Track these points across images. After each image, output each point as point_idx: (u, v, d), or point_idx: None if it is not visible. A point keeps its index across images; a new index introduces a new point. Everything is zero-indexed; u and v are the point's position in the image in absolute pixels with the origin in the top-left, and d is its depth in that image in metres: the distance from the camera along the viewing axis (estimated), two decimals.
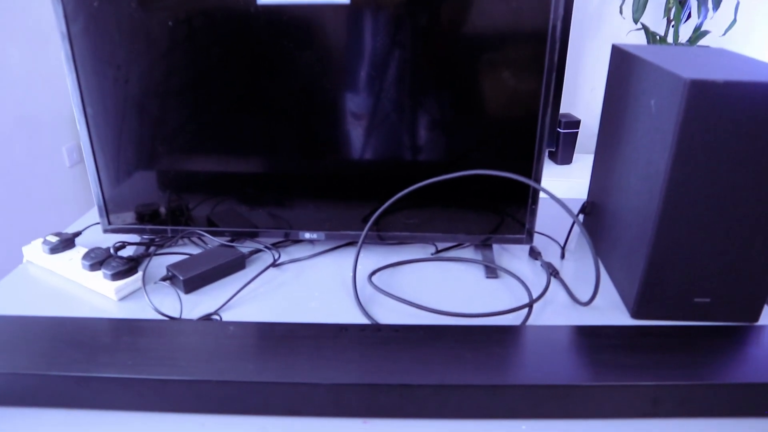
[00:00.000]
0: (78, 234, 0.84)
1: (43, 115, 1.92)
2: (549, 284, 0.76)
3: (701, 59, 0.67)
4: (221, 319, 0.70)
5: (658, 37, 2.09)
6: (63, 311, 0.71)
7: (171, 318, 0.69)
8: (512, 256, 0.86)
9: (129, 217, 0.84)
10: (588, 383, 0.54)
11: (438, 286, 0.78)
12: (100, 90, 0.76)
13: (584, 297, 0.75)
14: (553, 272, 0.79)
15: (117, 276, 0.74)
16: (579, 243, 0.90)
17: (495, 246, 0.88)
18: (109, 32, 0.73)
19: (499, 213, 0.82)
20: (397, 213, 0.82)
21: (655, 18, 2.18)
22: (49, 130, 1.96)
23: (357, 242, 0.89)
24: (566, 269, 0.82)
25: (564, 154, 2.19)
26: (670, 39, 2.09)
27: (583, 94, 2.32)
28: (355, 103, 0.76)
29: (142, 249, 0.85)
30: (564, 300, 0.75)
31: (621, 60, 0.77)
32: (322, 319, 0.70)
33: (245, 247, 0.85)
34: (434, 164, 0.79)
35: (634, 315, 0.69)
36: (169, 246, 0.86)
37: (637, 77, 0.70)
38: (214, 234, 0.85)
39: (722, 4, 2.05)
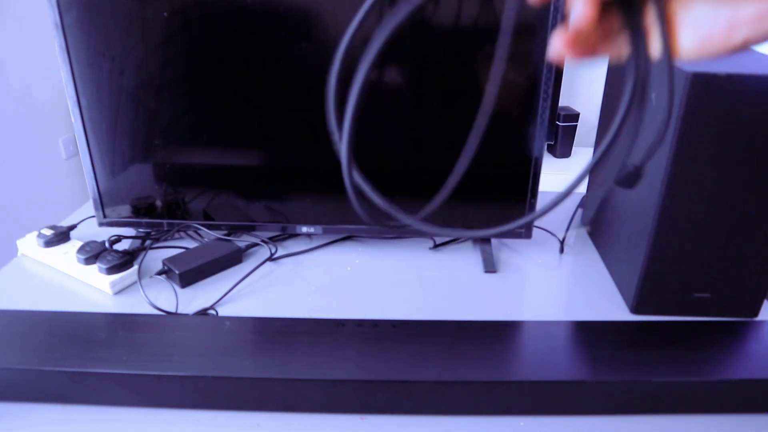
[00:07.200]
0: (73, 227, 0.84)
1: (39, 107, 1.90)
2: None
3: None
4: (217, 313, 0.69)
5: None
6: (57, 305, 0.71)
7: (167, 312, 0.69)
8: (511, 251, 0.86)
9: (124, 210, 0.83)
10: (587, 379, 0.53)
11: (436, 280, 0.77)
12: (95, 82, 0.75)
13: (584, 292, 0.74)
14: None
15: (112, 270, 0.73)
16: (578, 238, 0.90)
17: (494, 241, 0.88)
18: (104, 23, 0.72)
19: (498, 207, 0.81)
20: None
21: None
22: (45, 122, 1.94)
23: (354, 237, 0.88)
24: (565, 264, 0.82)
25: (563, 148, 2.18)
26: None
27: (583, 87, 2.31)
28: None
29: (137, 243, 0.84)
30: (563, 294, 0.74)
31: None
32: (319, 314, 0.70)
33: (242, 241, 0.85)
34: (433, 158, 0.78)
35: (634, 310, 0.69)
36: (165, 240, 0.86)
37: None
38: (210, 228, 0.84)
39: None
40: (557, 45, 0.30)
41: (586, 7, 0.27)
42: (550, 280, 0.78)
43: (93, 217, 0.85)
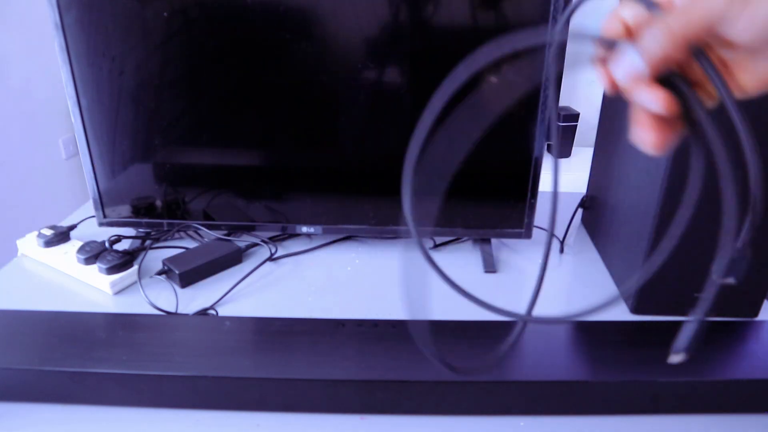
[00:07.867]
0: (73, 227, 0.84)
1: (39, 107, 1.90)
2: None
3: None
4: (217, 313, 0.69)
5: None
6: (57, 305, 0.71)
7: (167, 312, 0.69)
8: (511, 251, 0.86)
9: (124, 210, 0.83)
10: (587, 379, 0.53)
11: (436, 280, 0.77)
12: (95, 81, 0.75)
13: (584, 292, 0.74)
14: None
15: (112, 270, 0.73)
16: (578, 237, 0.90)
17: (494, 241, 0.88)
18: (104, 23, 0.72)
19: (497, 207, 0.81)
20: (395, 206, 0.82)
21: None
22: (45, 122, 1.94)
23: (354, 237, 0.88)
24: (565, 264, 0.82)
25: (563, 148, 2.18)
26: None
27: (582, 86, 2.31)
28: (352, 95, 0.75)
29: (137, 243, 0.84)
30: (564, 293, 0.74)
31: None
32: (319, 314, 0.70)
33: (242, 241, 0.85)
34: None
35: (634, 310, 0.69)
36: (165, 240, 0.86)
37: None
38: (210, 228, 0.84)
39: None
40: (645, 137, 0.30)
41: (656, 98, 0.28)
42: (550, 280, 0.77)
43: (93, 217, 0.85)
